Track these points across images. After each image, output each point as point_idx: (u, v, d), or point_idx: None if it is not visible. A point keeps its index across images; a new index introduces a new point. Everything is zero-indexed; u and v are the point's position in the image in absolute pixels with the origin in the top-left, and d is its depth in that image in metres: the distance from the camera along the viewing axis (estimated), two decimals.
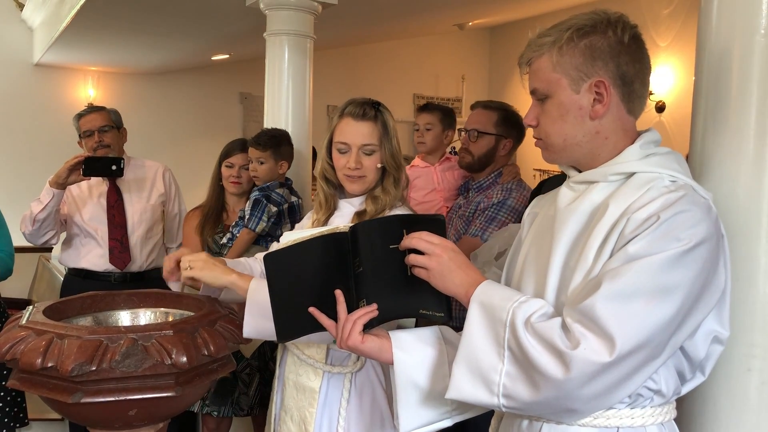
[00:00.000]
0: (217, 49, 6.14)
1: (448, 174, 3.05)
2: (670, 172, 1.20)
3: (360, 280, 1.32)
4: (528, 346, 1.12)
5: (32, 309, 1.74)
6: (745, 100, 1.34)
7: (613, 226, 1.16)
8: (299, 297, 1.33)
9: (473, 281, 1.25)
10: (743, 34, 1.34)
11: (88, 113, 3.09)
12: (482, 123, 2.64)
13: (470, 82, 8.62)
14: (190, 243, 2.80)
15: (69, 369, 1.46)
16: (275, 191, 2.74)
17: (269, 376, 2.79)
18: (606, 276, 1.11)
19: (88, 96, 6.74)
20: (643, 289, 1.08)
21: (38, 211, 2.81)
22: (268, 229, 2.70)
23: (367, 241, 1.31)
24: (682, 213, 1.11)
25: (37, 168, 5.59)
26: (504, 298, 1.20)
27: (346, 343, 1.31)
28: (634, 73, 1.22)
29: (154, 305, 2.00)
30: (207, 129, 7.04)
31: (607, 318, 1.07)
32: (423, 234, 1.28)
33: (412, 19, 5.93)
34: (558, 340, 1.10)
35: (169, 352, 1.52)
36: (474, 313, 1.21)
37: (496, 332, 1.18)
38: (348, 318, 1.31)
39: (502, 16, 7.59)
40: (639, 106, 1.26)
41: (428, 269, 1.26)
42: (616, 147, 1.25)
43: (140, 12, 4.46)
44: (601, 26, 1.20)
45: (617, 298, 1.08)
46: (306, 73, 3.24)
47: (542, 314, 1.17)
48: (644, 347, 1.08)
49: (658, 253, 1.08)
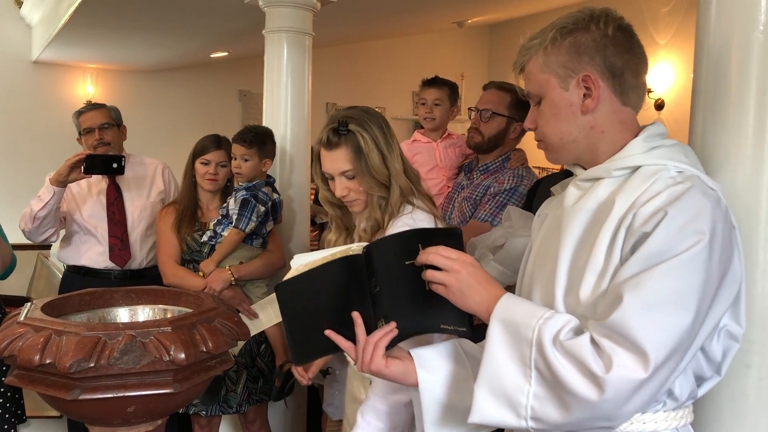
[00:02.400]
0: (216, 46, 6.14)
1: (450, 151, 2.98)
2: (676, 164, 1.17)
3: (377, 300, 1.26)
4: (558, 365, 1.07)
5: (30, 305, 1.74)
6: (744, 96, 1.34)
7: (621, 222, 1.14)
8: (314, 320, 1.28)
9: (494, 297, 1.20)
10: (742, 31, 1.34)
11: (88, 110, 3.08)
12: (495, 103, 2.56)
13: (469, 80, 8.61)
14: (167, 241, 2.76)
15: (67, 365, 1.46)
16: (261, 190, 2.73)
17: (257, 372, 2.79)
18: (627, 286, 1.07)
19: (87, 93, 6.73)
20: (667, 297, 1.05)
21: (38, 209, 2.80)
22: (255, 227, 2.70)
23: (382, 260, 1.25)
24: (690, 206, 1.09)
25: (35, 165, 5.58)
26: (527, 315, 1.15)
27: (369, 367, 1.26)
28: (623, 64, 1.21)
29: (152, 302, 2.00)
30: (206, 126, 6.95)
31: (636, 331, 1.04)
32: (440, 249, 1.23)
33: (412, 16, 5.93)
34: (590, 359, 1.05)
35: (168, 349, 1.53)
36: (495, 332, 1.16)
37: (522, 352, 1.13)
38: (368, 341, 1.26)
39: (501, 13, 7.59)
40: (635, 98, 1.25)
41: (447, 286, 1.22)
42: (614, 140, 1.23)
43: (139, 9, 4.46)
44: (583, 22, 1.21)
45: (643, 309, 1.04)
46: (305, 70, 3.24)
47: (570, 330, 1.11)
48: (675, 354, 1.06)
49: (675, 255, 1.06)
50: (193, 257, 2.77)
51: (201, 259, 2.74)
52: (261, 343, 2.84)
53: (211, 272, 2.66)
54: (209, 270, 2.66)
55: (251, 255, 2.77)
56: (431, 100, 3.02)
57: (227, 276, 2.66)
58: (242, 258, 2.74)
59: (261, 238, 2.79)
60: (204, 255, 2.75)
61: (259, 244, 2.80)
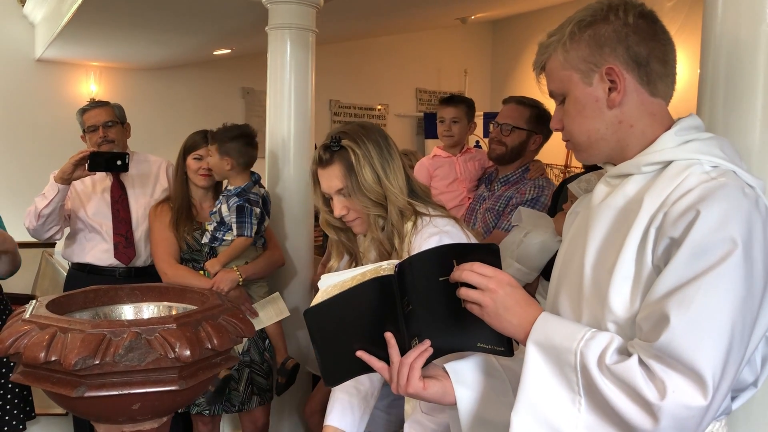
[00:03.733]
0: (218, 43, 6.13)
1: (470, 164, 3.09)
2: (710, 158, 1.09)
3: (410, 319, 1.20)
4: (608, 392, 1.00)
5: (35, 303, 1.74)
6: (752, 91, 1.33)
7: (650, 223, 1.07)
8: (345, 342, 1.24)
9: (532, 318, 1.13)
10: (749, 25, 1.33)
11: (92, 108, 3.08)
12: (515, 118, 2.66)
13: (473, 76, 8.60)
14: (164, 240, 2.75)
15: (72, 363, 1.46)
16: (251, 192, 2.72)
17: (257, 368, 2.79)
18: (672, 303, 1.00)
19: (90, 91, 6.73)
20: (717, 313, 0.98)
21: (43, 207, 2.81)
22: (256, 228, 2.70)
23: (415, 277, 1.19)
24: (724, 205, 1.01)
25: (39, 163, 5.58)
26: (567, 337, 1.08)
27: (407, 390, 1.21)
28: (648, 52, 1.14)
29: (157, 299, 2.00)
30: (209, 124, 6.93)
31: (691, 353, 0.97)
32: (475, 266, 1.17)
33: (415, 12, 5.92)
34: (642, 384, 0.98)
35: (173, 346, 1.52)
36: (533, 357, 1.10)
37: (567, 377, 1.06)
38: (403, 362, 1.21)
39: (504, 9, 7.58)
40: (664, 87, 1.17)
41: (482, 306, 1.15)
42: (644, 134, 1.16)
43: (141, 7, 4.45)
44: (601, 14, 1.16)
45: (693, 329, 0.98)
46: (308, 67, 3.23)
47: (614, 351, 1.04)
48: (728, 374, 0.99)
49: (714, 264, 0.99)
50: (193, 256, 2.76)
51: (201, 258, 2.74)
52: (265, 339, 2.84)
53: (218, 272, 2.66)
54: (215, 270, 2.66)
55: (254, 254, 2.78)
56: (449, 118, 3.11)
57: (235, 276, 2.66)
58: (247, 257, 2.74)
59: (262, 237, 2.80)
60: (204, 254, 2.75)
61: (261, 244, 2.81)
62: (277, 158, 3.21)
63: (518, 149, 2.68)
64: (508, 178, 2.73)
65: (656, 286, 1.03)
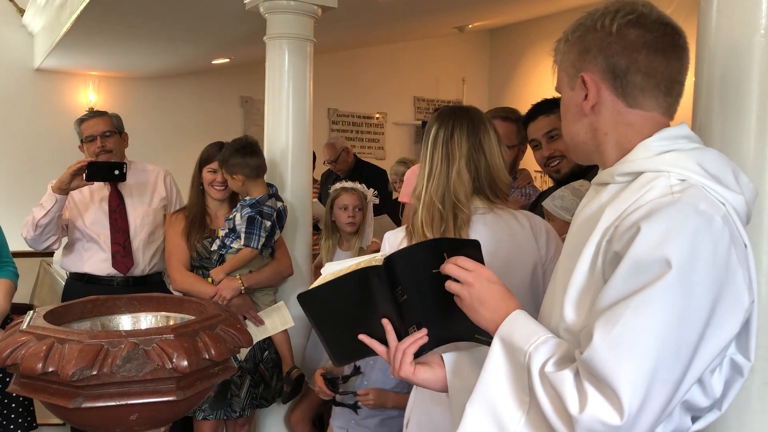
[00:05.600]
0: (217, 53, 6.15)
1: None
2: (681, 171, 1.05)
3: (407, 308, 1.25)
4: (541, 398, 1.02)
5: (33, 314, 1.74)
6: (746, 99, 1.33)
7: (603, 236, 1.06)
8: (345, 327, 1.30)
9: (504, 314, 1.14)
10: (743, 34, 1.34)
11: (90, 118, 3.09)
12: (507, 137, 2.61)
13: (470, 85, 8.63)
14: (176, 247, 2.79)
15: (70, 374, 1.45)
16: (266, 205, 2.74)
17: (259, 378, 2.80)
18: (599, 321, 0.99)
19: (89, 101, 6.75)
20: (642, 333, 0.96)
21: (40, 217, 2.81)
22: (264, 241, 2.72)
23: (406, 269, 1.23)
24: (666, 224, 0.98)
25: (37, 173, 5.59)
26: (524, 338, 1.09)
27: (399, 374, 1.26)
28: (627, 64, 1.12)
29: (155, 309, 1.99)
30: (208, 133, 6.98)
31: (608, 372, 0.96)
32: (459, 259, 1.20)
33: (413, 21, 5.94)
34: (568, 395, 0.99)
35: (170, 356, 1.52)
36: (496, 351, 1.12)
37: (520, 377, 1.07)
38: (397, 347, 1.25)
39: (502, 18, 7.60)
40: (646, 99, 1.13)
41: (461, 298, 1.19)
42: (619, 144, 1.15)
43: (140, 17, 4.47)
44: (591, 20, 1.15)
45: (614, 347, 0.96)
46: (306, 76, 3.24)
47: (558, 359, 1.04)
48: (654, 398, 0.96)
49: (645, 286, 0.96)
50: (203, 264, 2.79)
51: (210, 266, 2.77)
52: (264, 350, 2.85)
53: (221, 280, 2.67)
54: (219, 278, 2.68)
55: (260, 263, 2.79)
56: None
57: (237, 284, 2.68)
58: (252, 266, 2.75)
59: (270, 247, 2.81)
60: (213, 262, 2.76)
61: (268, 254, 2.82)
62: (275, 167, 3.21)
63: (511, 166, 2.65)
64: None
65: (597, 301, 1.03)
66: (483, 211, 1.76)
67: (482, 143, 1.75)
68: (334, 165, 5.43)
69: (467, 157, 1.74)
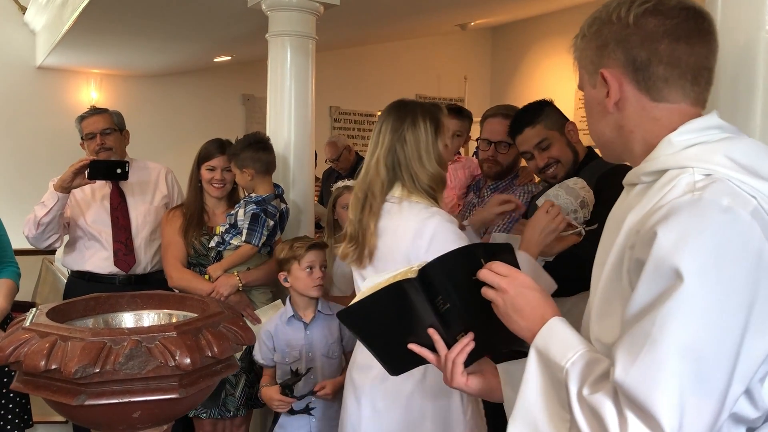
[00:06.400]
0: (219, 50, 6.15)
1: (460, 173, 3.10)
2: (706, 165, 0.98)
3: (450, 317, 1.21)
4: (581, 422, 0.96)
5: (36, 311, 1.74)
6: (751, 95, 1.33)
7: (627, 241, 1.00)
8: (392, 339, 1.28)
9: (541, 321, 1.08)
10: (748, 31, 1.34)
11: (90, 115, 3.08)
12: (507, 134, 2.56)
13: (472, 82, 8.61)
14: (173, 244, 2.77)
15: (72, 371, 1.45)
16: (271, 204, 2.73)
17: (254, 377, 2.79)
18: (626, 340, 0.93)
19: (91, 98, 6.74)
20: (671, 354, 0.89)
21: (42, 215, 2.80)
22: (265, 240, 2.72)
23: (444, 278, 1.19)
24: (682, 228, 0.91)
25: (39, 170, 5.59)
26: (560, 352, 1.03)
27: (451, 384, 1.23)
28: (647, 56, 1.05)
29: (157, 307, 2.00)
30: (209, 131, 6.96)
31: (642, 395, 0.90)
32: (493, 265, 1.16)
33: (415, 19, 5.93)
34: (609, 422, 0.92)
35: (173, 354, 1.52)
36: (533, 364, 1.06)
37: (558, 393, 1.02)
38: (447, 357, 1.21)
39: (504, 16, 7.59)
40: (672, 91, 1.06)
41: (497, 306, 1.14)
42: (645, 140, 1.08)
43: (142, 14, 4.46)
44: (607, 12, 1.09)
45: (642, 369, 0.90)
46: (308, 74, 3.24)
47: (596, 379, 0.98)
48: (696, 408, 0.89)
49: (665, 298, 0.90)
50: (200, 261, 2.78)
51: (207, 263, 2.76)
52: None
53: (219, 277, 2.67)
54: (217, 275, 2.68)
55: (258, 261, 2.79)
56: (453, 130, 3.07)
57: (235, 281, 2.67)
58: (249, 265, 2.75)
59: (269, 246, 2.81)
60: (210, 259, 2.76)
61: (266, 252, 2.82)
62: (277, 164, 3.21)
63: (512, 164, 2.65)
64: (497, 185, 2.70)
65: (624, 313, 0.97)
66: (396, 200, 1.88)
67: (405, 137, 1.86)
68: (336, 163, 5.43)
69: (387, 150, 1.88)
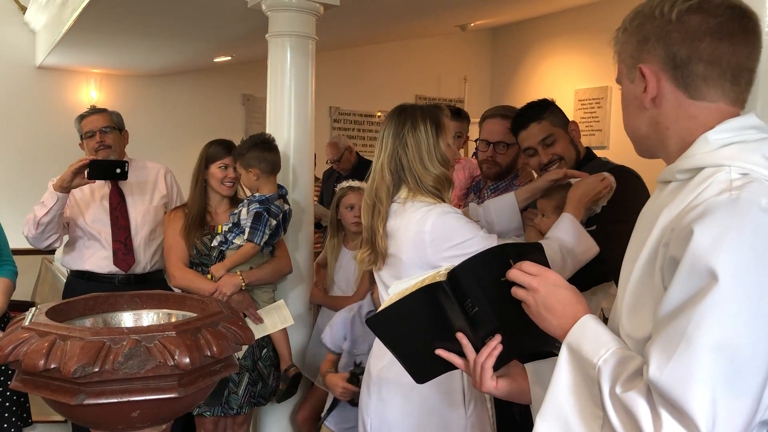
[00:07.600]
0: (219, 50, 6.14)
1: (459, 174, 3.07)
2: (743, 164, 0.97)
3: (479, 320, 1.21)
4: (614, 420, 0.96)
5: (35, 310, 1.74)
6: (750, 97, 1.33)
7: (660, 239, 1.00)
8: (420, 345, 1.27)
9: (573, 320, 1.09)
10: None
11: (90, 114, 3.09)
12: (507, 134, 2.56)
13: (472, 83, 8.62)
14: (176, 245, 2.78)
15: (72, 370, 1.45)
16: (274, 203, 2.74)
17: (257, 376, 2.80)
18: (661, 338, 0.93)
19: (91, 98, 6.74)
20: (706, 353, 0.89)
21: (42, 215, 2.81)
22: (267, 239, 2.72)
23: (473, 281, 1.18)
24: (720, 226, 0.91)
25: (39, 170, 5.59)
26: (592, 349, 1.03)
27: (481, 389, 1.23)
28: (688, 53, 1.04)
29: (156, 306, 2.00)
30: (209, 131, 6.96)
31: (676, 393, 0.90)
32: (523, 264, 1.16)
33: (414, 20, 5.93)
34: (642, 420, 0.93)
35: (172, 353, 1.52)
36: (565, 361, 1.06)
37: (591, 390, 1.01)
38: (475, 361, 1.22)
39: (504, 16, 7.59)
40: (710, 90, 1.06)
41: (528, 305, 1.14)
42: (681, 138, 1.08)
43: (142, 14, 4.46)
44: (650, 7, 1.09)
45: (677, 368, 0.90)
46: (308, 74, 3.24)
47: (629, 376, 0.98)
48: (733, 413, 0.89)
49: (700, 298, 0.90)
50: (202, 260, 2.79)
51: (210, 262, 2.77)
52: (262, 348, 2.85)
53: (222, 276, 2.67)
54: (220, 274, 2.68)
55: (261, 261, 2.80)
56: (454, 131, 3.09)
57: (238, 281, 2.68)
58: (252, 264, 2.76)
59: (271, 246, 2.81)
60: (213, 259, 2.76)
61: (269, 252, 2.83)
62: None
63: (512, 164, 2.64)
64: (497, 186, 2.68)
65: (657, 310, 0.97)
66: (401, 201, 1.93)
67: (407, 141, 1.91)
68: (337, 164, 5.43)
69: (390, 154, 1.93)
